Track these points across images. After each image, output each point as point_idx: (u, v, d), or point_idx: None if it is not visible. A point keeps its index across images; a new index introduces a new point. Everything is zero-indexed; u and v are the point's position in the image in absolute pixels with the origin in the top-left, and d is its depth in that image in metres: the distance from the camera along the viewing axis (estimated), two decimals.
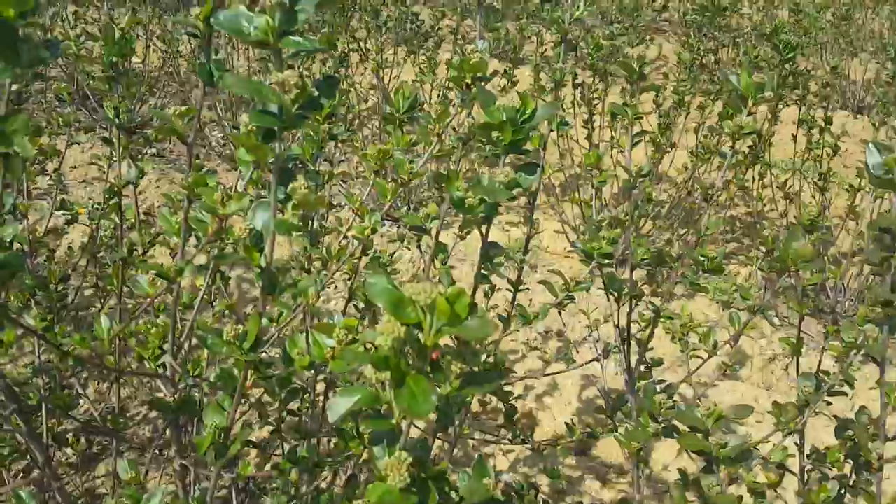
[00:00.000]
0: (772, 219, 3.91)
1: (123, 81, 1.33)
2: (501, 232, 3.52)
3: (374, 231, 1.02)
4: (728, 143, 1.18)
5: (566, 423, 1.55)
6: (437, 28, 3.28)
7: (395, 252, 1.52)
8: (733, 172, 3.35)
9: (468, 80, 0.89)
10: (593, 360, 1.64)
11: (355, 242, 1.09)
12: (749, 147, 3.23)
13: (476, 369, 0.54)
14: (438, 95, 3.18)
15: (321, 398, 1.24)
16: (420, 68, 3.09)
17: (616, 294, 1.13)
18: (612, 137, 3.11)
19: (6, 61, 0.53)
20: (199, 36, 0.79)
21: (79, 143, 1.56)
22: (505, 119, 0.76)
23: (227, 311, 1.40)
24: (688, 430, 0.85)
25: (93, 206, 1.59)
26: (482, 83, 0.88)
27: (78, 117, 1.51)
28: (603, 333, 2.35)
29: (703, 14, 3.00)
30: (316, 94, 0.60)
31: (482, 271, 0.91)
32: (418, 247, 1.76)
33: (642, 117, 1.10)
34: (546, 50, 2.98)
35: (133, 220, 1.46)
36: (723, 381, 2.63)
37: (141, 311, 0.86)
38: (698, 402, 1.21)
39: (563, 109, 2.67)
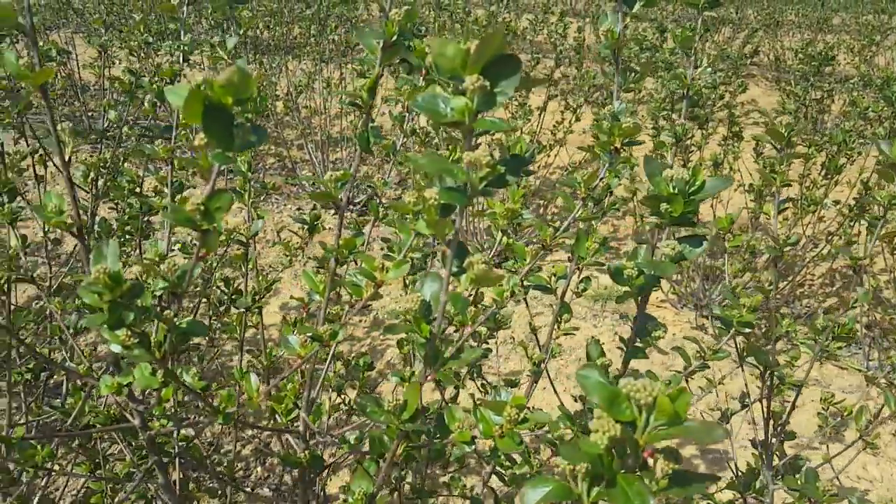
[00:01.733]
0: (873, 272, 3.74)
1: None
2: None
3: (512, 294, 1.01)
4: (880, 213, 1.13)
5: None
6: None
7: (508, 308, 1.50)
8: (839, 225, 3.22)
9: (618, 145, 0.88)
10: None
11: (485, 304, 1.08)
12: (855, 199, 3.11)
13: (678, 467, 0.51)
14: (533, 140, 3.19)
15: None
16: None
17: (762, 368, 1.08)
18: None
19: (221, 146, 0.54)
20: (361, 106, 0.81)
21: (195, 187, 1.62)
22: (675, 191, 0.74)
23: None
24: None
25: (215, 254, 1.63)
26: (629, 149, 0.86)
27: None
28: (717, 399, 2.26)
29: (809, 64, 2.91)
30: (503, 171, 0.60)
31: (636, 344, 0.88)
32: (525, 300, 1.74)
33: (790, 184, 1.05)
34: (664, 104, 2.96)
35: (253, 267, 1.50)
36: (833, 443, 2.49)
37: (291, 371, 0.86)
38: (837, 480, 1.13)
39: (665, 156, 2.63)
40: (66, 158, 0.84)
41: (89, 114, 4.75)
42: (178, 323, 0.67)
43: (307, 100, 4.47)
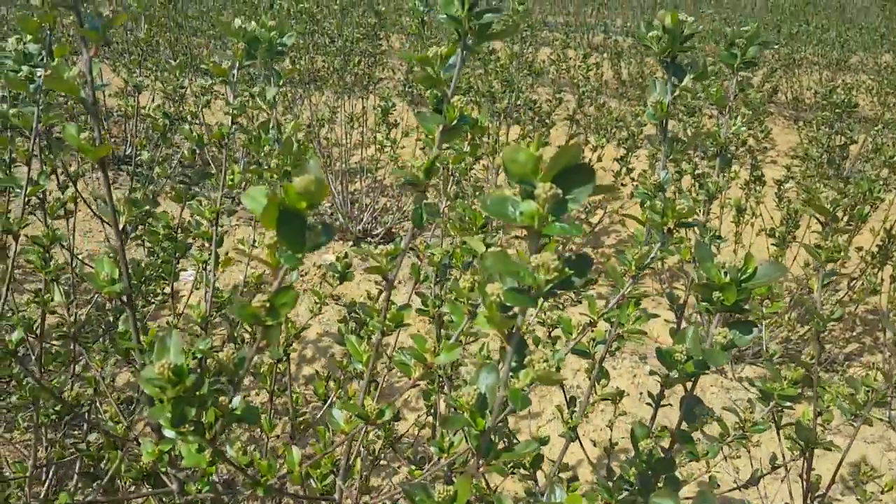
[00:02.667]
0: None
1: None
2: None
3: (558, 369, 1.00)
4: None
5: None
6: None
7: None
8: (861, 272, 3.20)
9: (671, 226, 0.87)
10: (739, 487, 1.55)
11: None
12: (878, 247, 3.09)
13: None
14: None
15: None
16: None
17: (804, 444, 1.06)
18: (738, 233, 3.03)
19: (293, 249, 0.54)
20: (417, 185, 0.81)
21: (222, 226, 1.63)
22: (728, 280, 0.74)
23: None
24: None
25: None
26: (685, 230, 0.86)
27: (233, 208, 1.57)
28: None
29: (834, 111, 2.91)
30: (570, 272, 0.59)
31: (683, 429, 0.87)
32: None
33: (838, 259, 1.05)
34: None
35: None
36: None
37: (335, 446, 0.86)
38: None
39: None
40: (122, 227, 0.84)
41: (112, 140, 4.80)
42: (233, 409, 0.67)
43: (329, 132, 4.51)
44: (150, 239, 1.57)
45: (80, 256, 1.87)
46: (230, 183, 1.23)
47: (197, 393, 0.62)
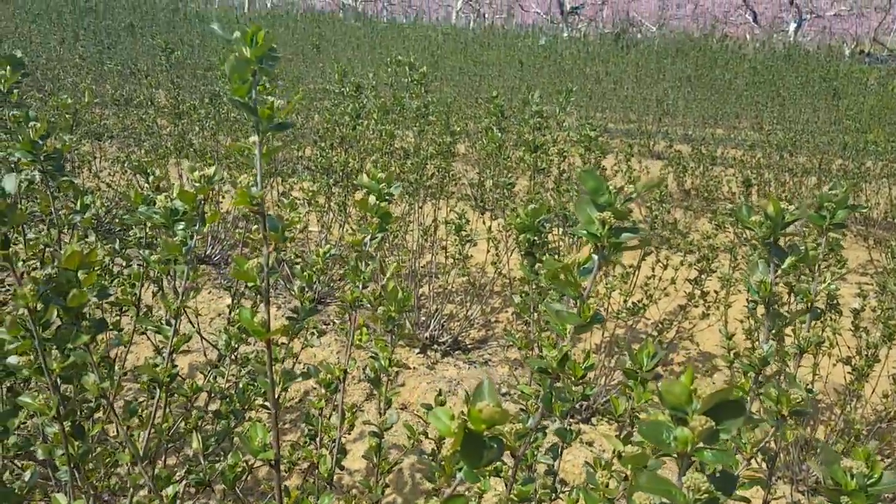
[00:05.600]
0: None
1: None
2: None
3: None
4: None
5: None
6: None
7: None
8: None
9: (785, 413, 0.92)
10: None
11: None
12: None
13: None
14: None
15: None
16: None
17: None
18: (815, 364, 2.99)
19: (471, 465, 0.62)
20: (549, 373, 0.88)
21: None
22: (855, 486, 0.78)
23: None
24: None
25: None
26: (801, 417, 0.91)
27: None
28: None
29: None
30: (717, 492, 0.65)
31: None
32: None
33: None
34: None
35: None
36: None
37: None
38: None
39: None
40: (276, 397, 0.93)
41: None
42: None
43: (400, 239, 4.67)
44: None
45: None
46: (358, 342, 1.33)
47: None
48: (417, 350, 4.47)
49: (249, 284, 0.89)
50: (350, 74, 4.74)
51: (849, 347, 3.44)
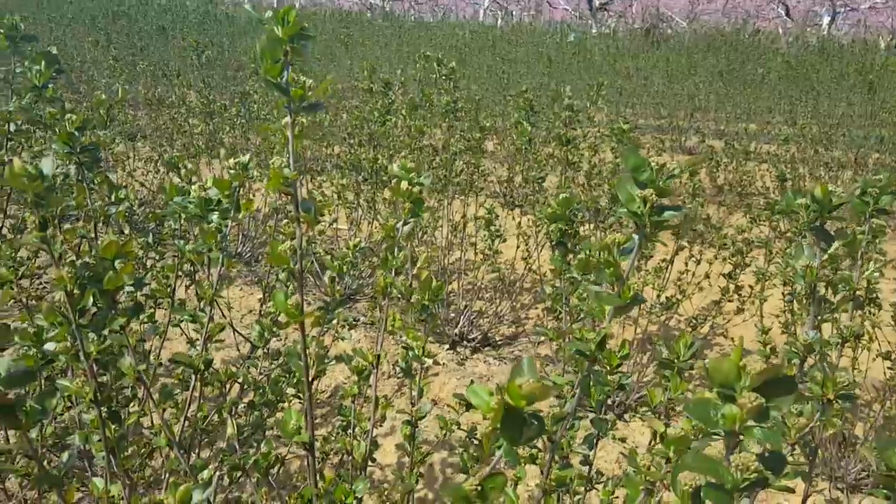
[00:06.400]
0: None
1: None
2: None
3: None
4: None
5: None
6: None
7: None
8: None
9: (830, 397, 0.89)
10: None
11: None
12: None
13: None
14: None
15: None
16: None
17: None
18: (854, 359, 2.93)
19: (512, 443, 0.60)
20: (587, 356, 0.87)
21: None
22: None
23: None
24: None
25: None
26: None
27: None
28: None
29: None
30: (768, 473, 0.63)
31: None
32: None
33: None
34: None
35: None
36: None
37: None
38: None
39: None
40: (310, 380, 0.93)
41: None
42: None
43: (430, 235, 4.66)
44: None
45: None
46: (390, 328, 1.32)
47: None
48: (447, 346, 4.46)
49: (282, 272, 0.88)
50: (378, 72, 4.74)
51: (889, 342, 3.36)
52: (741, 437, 0.61)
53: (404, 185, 1.17)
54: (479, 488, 0.64)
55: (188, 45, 5.88)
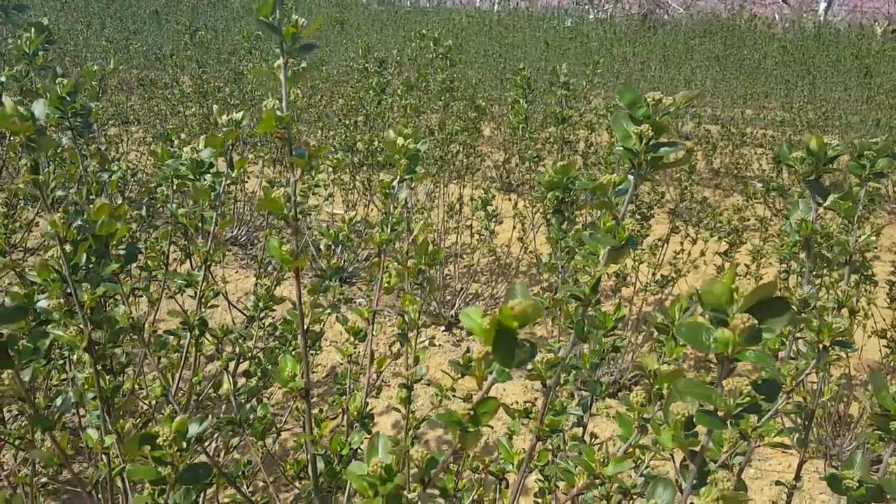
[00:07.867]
0: None
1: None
2: None
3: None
4: None
5: None
6: None
7: None
8: None
9: (826, 343, 0.89)
10: None
11: None
12: None
13: None
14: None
15: None
16: None
17: None
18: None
19: (505, 364, 0.60)
20: (582, 299, 0.87)
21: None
22: None
23: None
24: None
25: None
26: None
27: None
28: None
29: None
30: (760, 399, 0.63)
31: None
32: None
33: None
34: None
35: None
36: None
37: None
38: None
39: None
40: (305, 328, 0.93)
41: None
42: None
43: (426, 217, 4.65)
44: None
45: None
46: (386, 285, 1.32)
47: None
48: (443, 328, 4.45)
49: (275, 225, 0.88)
50: (373, 52, 4.72)
51: (884, 320, 3.37)
52: (734, 361, 0.61)
53: (400, 140, 1.17)
54: (472, 413, 0.64)
55: (182, 26, 5.84)
